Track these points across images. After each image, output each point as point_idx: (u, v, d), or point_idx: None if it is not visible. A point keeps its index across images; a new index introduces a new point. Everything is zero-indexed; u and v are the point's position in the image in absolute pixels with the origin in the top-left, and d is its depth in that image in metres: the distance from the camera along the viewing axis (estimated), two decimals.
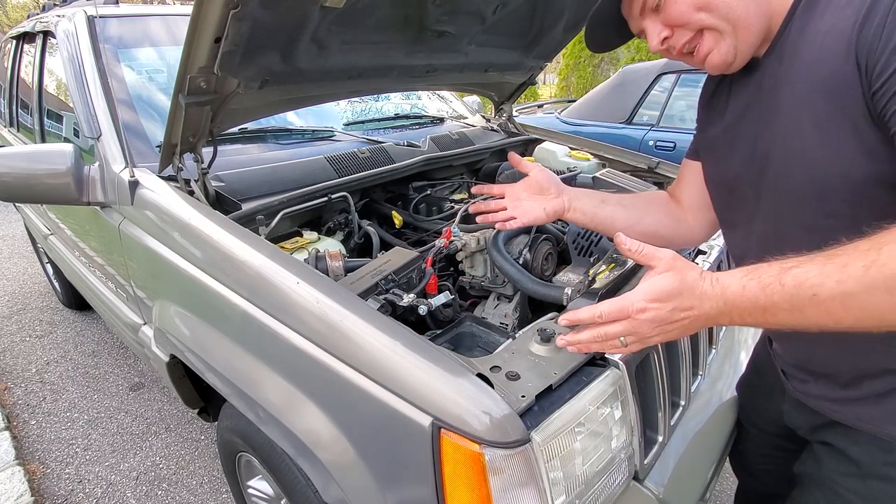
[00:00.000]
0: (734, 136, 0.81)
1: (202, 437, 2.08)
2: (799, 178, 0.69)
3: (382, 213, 1.75)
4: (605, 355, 0.89)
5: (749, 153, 0.77)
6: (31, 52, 2.34)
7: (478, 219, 1.12)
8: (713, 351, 1.33)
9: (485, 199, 1.74)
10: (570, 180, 1.84)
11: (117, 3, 1.89)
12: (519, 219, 1.03)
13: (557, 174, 1.86)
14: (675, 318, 0.64)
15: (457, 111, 2.54)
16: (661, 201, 1.06)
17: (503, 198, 1.07)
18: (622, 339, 0.68)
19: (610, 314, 0.67)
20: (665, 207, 1.04)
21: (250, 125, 1.61)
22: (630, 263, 1.14)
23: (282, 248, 1.28)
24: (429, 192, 1.85)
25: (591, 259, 1.25)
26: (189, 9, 1.28)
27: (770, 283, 0.58)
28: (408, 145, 1.85)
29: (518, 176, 1.95)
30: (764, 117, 0.74)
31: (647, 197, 1.09)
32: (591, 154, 2.10)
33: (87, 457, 1.99)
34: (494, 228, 1.13)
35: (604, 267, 1.15)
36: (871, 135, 0.59)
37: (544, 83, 19.69)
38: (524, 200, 1.04)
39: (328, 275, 1.13)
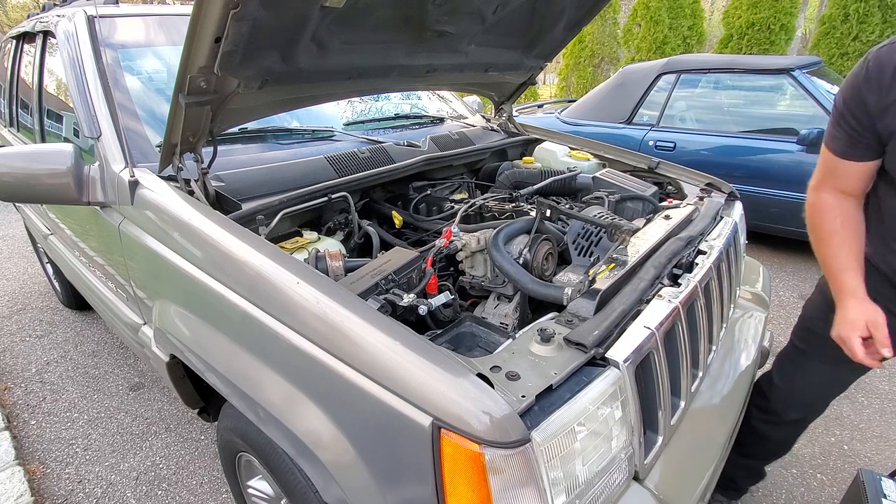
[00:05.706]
0: None
1: (202, 437, 2.08)
2: None
3: (382, 213, 1.75)
4: (605, 355, 0.89)
5: None
6: (31, 52, 2.34)
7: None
8: (713, 351, 1.33)
9: (485, 196, 1.74)
10: (571, 180, 1.84)
11: (117, 3, 1.89)
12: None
13: (557, 174, 1.87)
14: None
15: (457, 111, 2.54)
16: (860, 214, 1.14)
17: None
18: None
19: None
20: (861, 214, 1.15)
21: (250, 125, 1.61)
22: (630, 263, 1.14)
23: (282, 248, 1.28)
24: (429, 192, 1.86)
25: (591, 259, 1.25)
26: (189, 9, 1.28)
27: None
28: (408, 145, 1.85)
29: (518, 175, 1.95)
30: None
31: (858, 225, 1.14)
32: (591, 154, 2.10)
33: (87, 457, 1.99)
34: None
35: (604, 267, 1.15)
36: None
37: (544, 83, 19.69)
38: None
39: (328, 275, 1.13)
